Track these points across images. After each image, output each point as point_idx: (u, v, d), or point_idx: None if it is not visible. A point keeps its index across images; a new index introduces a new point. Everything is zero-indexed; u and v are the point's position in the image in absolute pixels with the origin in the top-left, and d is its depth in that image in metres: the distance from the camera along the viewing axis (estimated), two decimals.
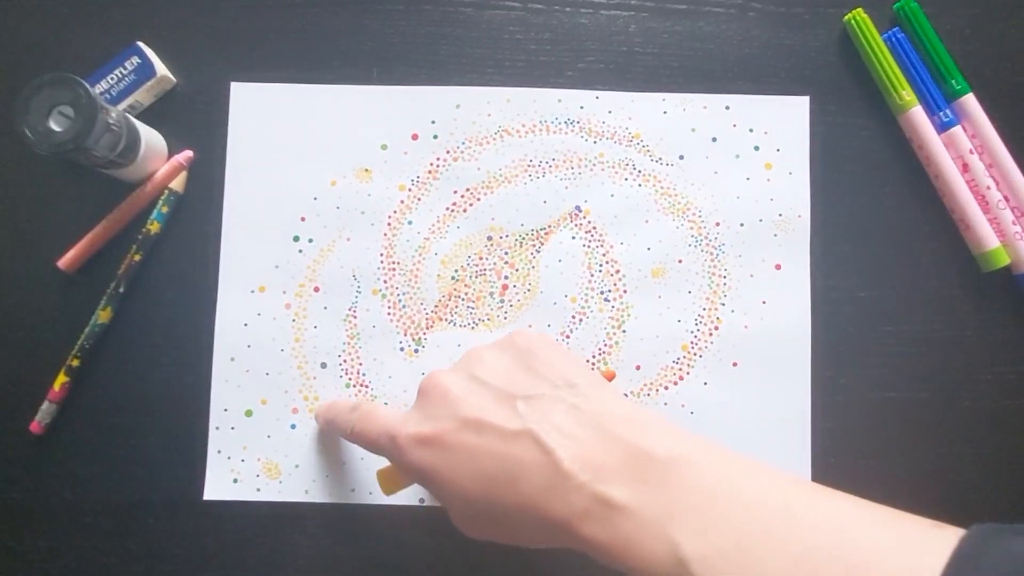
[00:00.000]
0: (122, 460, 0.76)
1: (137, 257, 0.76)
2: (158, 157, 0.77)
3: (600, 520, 0.48)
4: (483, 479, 0.51)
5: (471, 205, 0.77)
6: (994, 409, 0.76)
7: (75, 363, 0.75)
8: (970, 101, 0.76)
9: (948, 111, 0.76)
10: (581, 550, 0.50)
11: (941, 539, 0.41)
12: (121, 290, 0.75)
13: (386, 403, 0.76)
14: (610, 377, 0.70)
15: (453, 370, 0.58)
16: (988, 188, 0.75)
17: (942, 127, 0.76)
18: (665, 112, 0.78)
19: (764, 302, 0.76)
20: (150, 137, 0.75)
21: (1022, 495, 0.75)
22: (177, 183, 0.76)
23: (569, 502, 0.48)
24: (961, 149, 0.76)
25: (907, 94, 0.76)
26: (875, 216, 0.77)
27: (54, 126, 0.67)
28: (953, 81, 0.76)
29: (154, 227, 0.76)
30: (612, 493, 0.48)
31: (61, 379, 0.75)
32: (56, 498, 0.75)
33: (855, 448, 0.74)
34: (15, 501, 0.75)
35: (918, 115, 0.76)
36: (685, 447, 0.49)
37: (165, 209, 0.76)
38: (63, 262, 0.76)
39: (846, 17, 0.77)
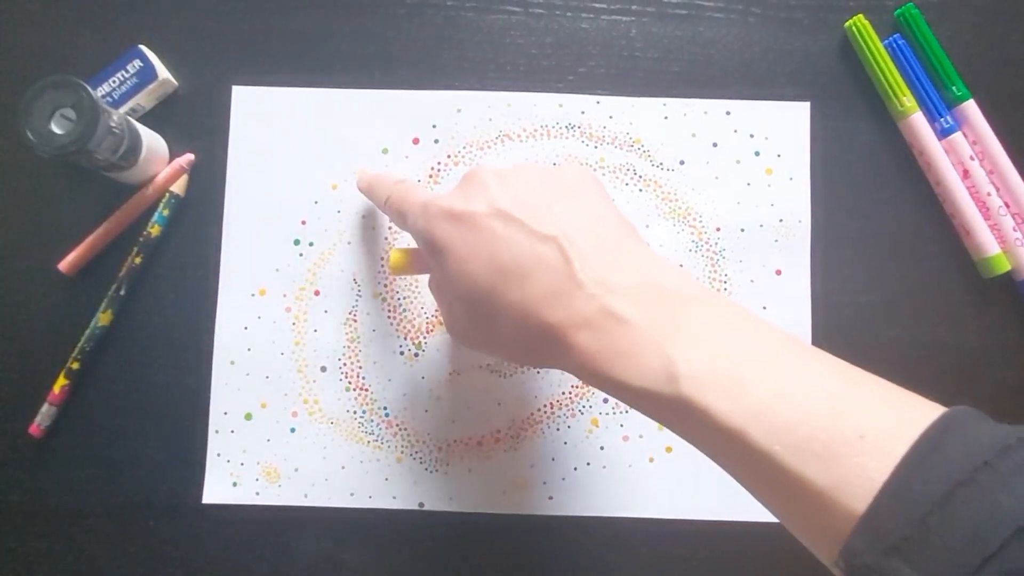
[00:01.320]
0: (122, 463, 0.76)
1: (138, 260, 0.76)
2: (159, 160, 0.77)
3: (599, 330, 0.48)
4: (495, 268, 0.51)
5: None
6: (995, 414, 0.75)
7: (75, 366, 0.75)
8: (971, 107, 0.76)
9: (949, 117, 0.76)
10: (566, 366, 0.51)
11: (928, 410, 0.41)
12: (122, 292, 0.75)
13: (386, 408, 0.76)
14: None
15: (502, 168, 0.57)
16: (989, 194, 0.75)
17: (943, 133, 0.76)
18: (666, 117, 0.78)
19: (764, 307, 0.76)
20: (151, 140, 0.75)
21: None
22: (178, 186, 0.77)
23: (572, 308, 0.49)
24: (962, 155, 0.76)
25: (908, 100, 0.76)
26: (876, 221, 0.77)
27: (56, 129, 0.67)
28: (954, 87, 0.76)
29: (155, 230, 0.76)
30: (619, 307, 0.48)
31: (61, 382, 0.75)
32: (56, 501, 0.75)
33: None
34: (15, 504, 0.75)
35: (919, 121, 0.76)
36: (700, 288, 0.51)
37: (166, 212, 0.76)
38: (64, 264, 0.76)
39: (847, 23, 0.78)
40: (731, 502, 0.74)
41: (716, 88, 0.78)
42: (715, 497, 0.74)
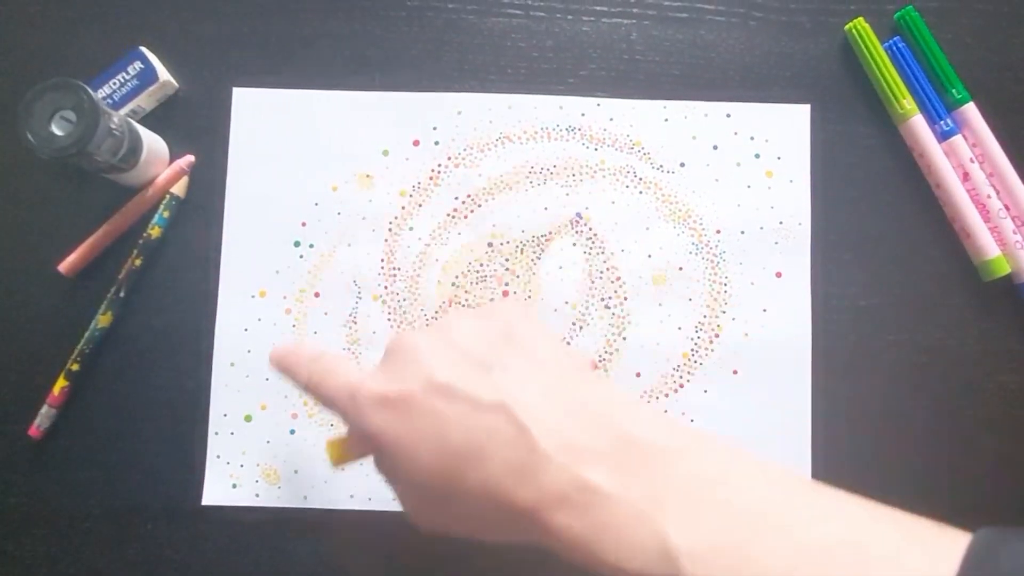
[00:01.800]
0: (121, 465, 0.76)
1: (138, 262, 0.76)
2: (160, 161, 0.77)
3: (576, 507, 0.43)
4: (447, 453, 0.45)
5: (472, 211, 0.77)
6: (996, 418, 0.76)
7: (75, 367, 0.75)
8: (971, 110, 0.76)
9: (949, 120, 0.76)
10: (547, 545, 0.45)
11: (950, 541, 0.38)
12: (121, 294, 0.75)
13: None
14: (592, 366, 0.68)
15: (427, 331, 0.52)
16: (989, 197, 0.75)
17: (943, 136, 0.76)
18: (666, 120, 0.78)
19: (765, 310, 0.76)
20: (152, 142, 0.75)
21: None
22: (178, 188, 0.77)
23: (542, 486, 0.43)
24: (962, 158, 0.76)
25: (908, 103, 0.76)
26: (876, 224, 0.77)
27: (56, 130, 0.67)
28: (954, 90, 0.76)
29: (155, 231, 0.76)
30: (594, 477, 0.43)
31: (60, 383, 0.75)
32: (54, 503, 0.75)
33: (856, 458, 0.74)
34: (13, 506, 0.75)
35: (919, 124, 0.76)
36: (679, 437, 0.45)
37: (166, 214, 0.76)
38: (64, 266, 0.76)
39: (847, 26, 0.78)
40: None
41: (717, 91, 0.78)
42: None
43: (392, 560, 0.75)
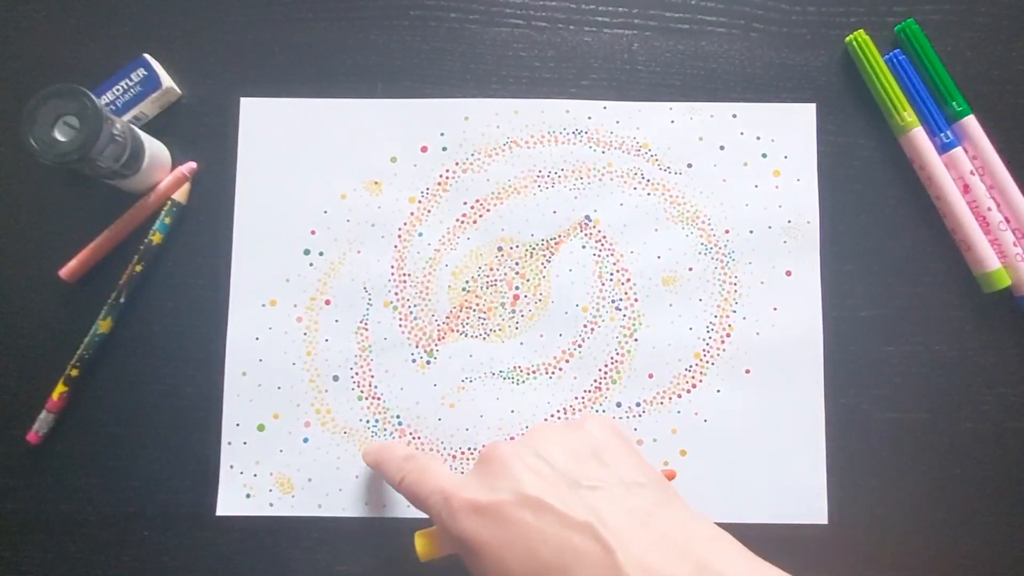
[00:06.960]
0: (120, 472, 0.75)
1: (139, 268, 0.75)
2: (162, 168, 0.76)
3: None
4: (533, 563, 0.48)
5: (481, 216, 0.77)
6: (995, 431, 0.76)
7: (74, 373, 0.74)
8: (971, 123, 0.77)
9: (949, 132, 0.77)
10: None
11: None
12: (122, 300, 0.75)
13: (399, 416, 0.75)
14: (671, 476, 0.69)
15: (519, 443, 0.55)
16: (989, 209, 0.76)
17: (943, 148, 0.77)
18: (672, 121, 0.78)
19: (775, 308, 0.76)
20: (154, 148, 0.75)
21: None
22: (180, 194, 0.76)
23: None
24: (962, 170, 0.76)
25: (908, 115, 0.77)
26: (876, 236, 0.78)
27: (59, 136, 0.66)
28: (954, 103, 0.77)
29: (156, 238, 0.75)
30: None
31: (60, 389, 0.74)
32: (52, 509, 0.74)
33: (860, 466, 0.74)
34: (11, 512, 0.74)
35: (919, 136, 0.77)
36: (758, 570, 0.48)
37: (168, 220, 0.76)
38: (65, 271, 0.75)
39: (848, 38, 0.79)
40: (746, 504, 0.74)
41: (718, 102, 0.79)
42: (730, 500, 0.74)
43: (408, 566, 0.74)
